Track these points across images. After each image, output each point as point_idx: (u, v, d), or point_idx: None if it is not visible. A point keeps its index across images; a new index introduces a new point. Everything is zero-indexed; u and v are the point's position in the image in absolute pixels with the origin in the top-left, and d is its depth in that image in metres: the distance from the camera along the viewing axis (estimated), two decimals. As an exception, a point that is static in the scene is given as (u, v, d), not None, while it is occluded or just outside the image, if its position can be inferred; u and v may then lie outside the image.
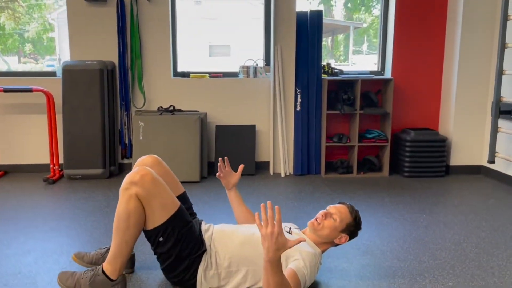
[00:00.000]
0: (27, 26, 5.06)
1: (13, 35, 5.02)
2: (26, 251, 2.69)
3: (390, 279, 2.35)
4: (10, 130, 4.69)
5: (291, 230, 2.31)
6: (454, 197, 3.95)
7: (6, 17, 4.91)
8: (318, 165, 4.78)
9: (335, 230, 2.26)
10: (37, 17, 5.07)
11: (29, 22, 5.01)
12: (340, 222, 2.25)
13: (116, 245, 2.04)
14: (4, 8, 4.87)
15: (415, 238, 2.94)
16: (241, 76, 4.80)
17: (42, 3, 5.04)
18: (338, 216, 2.25)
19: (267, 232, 1.73)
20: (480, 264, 2.55)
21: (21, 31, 5.08)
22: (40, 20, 5.10)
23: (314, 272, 2.09)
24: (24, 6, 4.91)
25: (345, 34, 5.75)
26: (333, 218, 2.25)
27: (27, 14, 5.00)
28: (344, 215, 2.27)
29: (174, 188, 2.31)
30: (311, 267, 2.05)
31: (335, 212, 2.28)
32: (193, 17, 4.94)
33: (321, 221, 2.26)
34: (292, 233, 2.29)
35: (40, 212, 3.41)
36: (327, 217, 2.27)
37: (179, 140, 4.36)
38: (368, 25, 5.39)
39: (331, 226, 2.25)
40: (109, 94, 4.52)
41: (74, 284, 2.07)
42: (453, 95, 4.71)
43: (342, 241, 2.29)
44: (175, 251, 2.07)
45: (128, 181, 2.00)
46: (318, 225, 2.25)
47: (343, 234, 2.28)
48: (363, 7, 5.36)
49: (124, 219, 2.00)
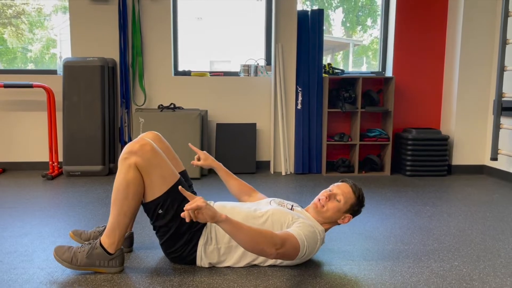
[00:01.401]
0: (29, 46, 5.11)
1: (16, 52, 5.06)
2: (22, 233, 2.64)
3: (395, 259, 2.30)
4: (9, 127, 4.66)
5: (294, 207, 2.26)
6: (457, 192, 3.90)
7: (9, 34, 4.95)
8: (319, 164, 4.74)
9: (339, 211, 2.19)
10: (40, 36, 5.11)
11: (31, 42, 5.05)
12: (344, 204, 2.19)
13: (114, 217, 1.99)
14: (7, 25, 4.91)
15: (419, 226, 2.89)
16: (242, 75, 4.80)
17: (44, 20, 5.09)
18: (342, 197, 2.18)
19: (193, 207, 1.71)
20: (485, 247, 2.49)
21: (23, 50, 5.12)
22: (43, 36, 5.14)
23: (313, 244, 2.03)
24: (27, 23, 4.96)
25: (344, 51, 5.78)
26: (337, 200, 2.19)
27: (30, 32, 5.05)
28: (348, 195, 2.20)
29: (174, 165, 2.27)
30: (309, 237, 1.99)
31: (339, 193, 2.20)
32: (194, 31, 5.00)
33: (325, 203, 2.20)
34: (294, 210, 2.24)
35: (37, 202, 3.36)
36: (330, 198, 2.20)
37: (180, 136, 4.33)
38: (369, 43, 5.45)
39: (335, 208, 2.18)
40: (109, 91, 4.51)
41: (71, 258, 2.01)
42: (454, 93, 4.70)
43: (346, 221, 2.23)
44: (174, 224, 2.02)
45: (127, 151, 1.97)
46: (322, 207, 2.19)
47: (346, 214, 2.22)
48: (359, 26, 5.43)
49: (123, 189, 1.96)
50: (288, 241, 1.89)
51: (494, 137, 4.18)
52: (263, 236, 1.83)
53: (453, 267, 2.19)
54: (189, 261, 2.11)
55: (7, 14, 4.97)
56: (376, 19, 5.12)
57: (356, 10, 5.37)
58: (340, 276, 2.07)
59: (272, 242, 1.84)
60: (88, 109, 4.42)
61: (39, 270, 2.09)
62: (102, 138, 4.44)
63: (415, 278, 2.05)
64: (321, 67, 4.66)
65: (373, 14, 5.24)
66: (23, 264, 2.17)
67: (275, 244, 1.84)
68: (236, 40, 5.27)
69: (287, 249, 1.89)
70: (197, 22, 5.15)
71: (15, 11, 5.01)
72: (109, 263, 2.03)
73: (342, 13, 5.44)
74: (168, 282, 1.97)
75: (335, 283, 1.99)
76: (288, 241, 1.89)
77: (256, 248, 1.84)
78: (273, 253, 1.86)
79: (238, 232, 1.80)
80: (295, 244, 1.91)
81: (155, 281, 1.98)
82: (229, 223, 1.78)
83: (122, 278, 2.01)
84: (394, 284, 1.99)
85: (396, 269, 2.16)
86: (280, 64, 4.63)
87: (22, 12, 5.01)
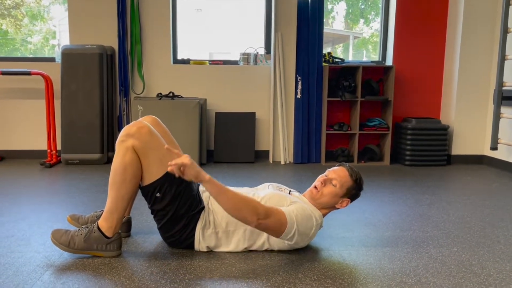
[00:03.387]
0: (28, 38, 5.07)
1: (14, 44, 5.03)
2: (20, 218, 2.62)
3: (393, 245, 2.29)
4: (7, 115, 4.64)
5: (291, 192, 2.25)
6: (457, 181, 3.89)
7: (7, 25, 4.91)
8: (318, 153, 4.72)
9: (335, 196, 2.14)
10: (39, 28, 5.08)
11: (31, 34, 5.02)
12: (340, 188, 2.13)
13: (112, 200, 1.98)
14: (6, 16, 4.88)
15: (418, 213, 2.88)
16: (241, 63, 4.77)
17: (44, 12, 5.04)
18: (338, 182, 2.13)
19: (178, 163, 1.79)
20: (485, 234, 2.49)
21: (23, 42, 5.08)
22: (42, 28, 5.10)
23: (306, 226, 2.01)
24: (25, 14, 4.92)
25: (344, 43, 5.75)
26: (332, 184, 2.14)
27: (30, 23, 5.01)
28: (345, 179, 2.15)
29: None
30: (302, 219, 1.98)
31: (334, 177, 2.15)
32: (194, 22, 4.96)
33: (320, 189, 2.16)
34: (292, 194, 2.23)
35: (35, 189, 3.35)
36: (326, 183, 2.15)
37: (178, 125, 4.31)
38: (369, 36, 5.41)
39: (332, 193, 2.14)
40: (108, 79, 4.49)
41: (68, 241, 2.00)
42: (455, 83, 4.68)
43: (344, 205, 2.19)
44: (172, 208, 2.01)
45: (124, 134, 1.95)
46: (317, 193, 2.15)
47: (344, 198, 2.18)
48: (362, 19, 5.38)
49: (120, 172, 1.95)
50: (274, 215, 1.90)
51: (494, 127, 4.16)
52: (246, 204, 1.85)
53: (452, 253, 2.18)
54: (187, 245, 2.10)
55: (5, 4, 4.92)
56: (379, 11, 5.09)
57: (359, 2, 5.32)
58: (339, 261, 2.06)
59: (255, 211, 1.85)
60: (87, 97, 4.40)
61: (36, 253, 2.08)
62: (101, 126, 4.42)
63: (414, 263, 2.04)
64: (321, 56, 4.63)
65: (376, 7, 5.20)
66: (20, 248, 2.16)
67: (258, 213, 1.85)
68: (236, 29, 5.23)
69: (271, 221, 1.89)
70: (196, 13, 5.11)
71: (14, 2, 4.97)
72: (107, 247, 2.02)
73: (345, 6, 5.41)
74: (166, 266, 1.96)
75: (334, 267, 1.98)
76: (274, 215, 1.89)
77: (239, 215, 1.86)
78: (254, 222, 1.86)
79: (222, 195, 1.84)
80: (281, 220, 1.91)
81: (153, 265, 1.97)
82: (212, 183, 1.83)
83: (120, 261, 2.00)
84: (393, 269, 1.98)
85: (395, 254, 2.15)
86: (280, 53, 4.61)
87: (21, 3, 4.97)
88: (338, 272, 1.94)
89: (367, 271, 1.95)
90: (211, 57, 5.32)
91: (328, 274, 1.91)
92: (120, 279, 1.82)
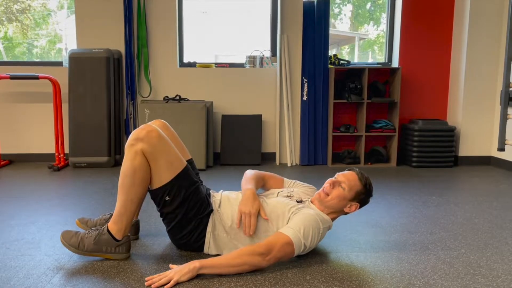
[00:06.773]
0: (35, 42, 5.12)
1: (21, 46, 5.07)
2: (29, 222, 2.65)
3: (401, 247, 2.29)
4: (16, 119, 4.68)
5: (302, 200, 2.25)
6: (464, 182, 3.89)
7: (14, 30, 4.95)
8: (325, 155, 4.73)
9: (344, 199, 2.14)
10: (46, 32, 5.11)
11: (37, 38, 5.06)
12: (349, 191, 2.14)
13: (122, 204, 1.99)
14: (13, 20, 4.92)
15: (426, 215, 2.87)
16: (248, 66, 4.79)
17: (49, 15, 5.08)
18: (347, 185, 2.13)
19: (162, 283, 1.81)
20: (493, 235, 2.48)
21: (29, 46, 5.13)
22: (49, 32, 5.15)
23: (314, 233, 1.99)
24: (32, 18, 4.96)
25: (350, 45, 5.73)
26: (341, 187, 2.14)
27: (37, 26, 5.05)
28: (353, 183, 2.15)
29: (181, 153, 2.26)
30: (309, 228, 1.97)
31: (343, 180, 2.15)
32: (199, 24, 4.98)
33: (329, 191, 2.16)
34: (303, 201, 2.22)
35: (44, 192, 3.38)
36: (335, 185, 2.15)
37: (185, 128, 4.33)
38: (375, 37, 5.39)
39: (340, 196, 2.13)
40: (115, 82, 4.52)
41: (78, 243, 2.02)
42: (461, 84, 4.67)
43: (352, 209, 2.19)
44: (181, 211, 2.02)
45: (134, 138, 1.96)
46: (325, 196, 2.15)
47: (353, 202, 2.18)
48: (371, 21, 5.36)
49: (130, 176, 1.96)
50: (276, 244, 1.90)
51: (501, 128, 4.14)
52: (244, 255, 1.88)
53: (460, 255, 2.18)
54: (197, 247, 2.12)
55: (13, 10, 4.97)
56: (385, 12, 5.08)
57: (365, 3, 5.32)
58: (346, 263, 2.07)
59: (257, 255, 1.88)
60: (94, 100, 4.43)
61: (46, 256, 2.10)
62: (108, 129, 4.45)
63: (422, 266, 2.05)
64: (327, 58, 4.64)
65: (384, 9, 5.20)
66: (30, 251, 2.18)
67: (260, 254, 1.88)
68: (242, 32, 5.25)
69: (278, 251, 1.90)
70: (202, 16, 5.13)
71: (21, 7, 5.01)
72: (116, 250, 2.03)
73: (352, 8, 5.40)
74: (174, 268, 1.97)
75: (342, 269, 1.99)
76: (277, 244, 1.90)
77: (248, 268, 1.90)
78: (263, 262, 1.89)
79: (220, 268, 1.88)
80: (286, 242, 1.91)
81: (162, 267, 1.98)
82: (205, 268, 1.87)
83: (129, 264, 2.01)
84: (400, 271, 1.98)
85: (402, 257, 2.16)
86: (286, 55, 4.62)
87: (28, 8, 5.01)
88: (346, 274, 1.95)
89: (375, 273, 1.95)
90: (217, 60, 5.33)
91: (336, 276, 1.91)
92: (129, 281, 1.84)
